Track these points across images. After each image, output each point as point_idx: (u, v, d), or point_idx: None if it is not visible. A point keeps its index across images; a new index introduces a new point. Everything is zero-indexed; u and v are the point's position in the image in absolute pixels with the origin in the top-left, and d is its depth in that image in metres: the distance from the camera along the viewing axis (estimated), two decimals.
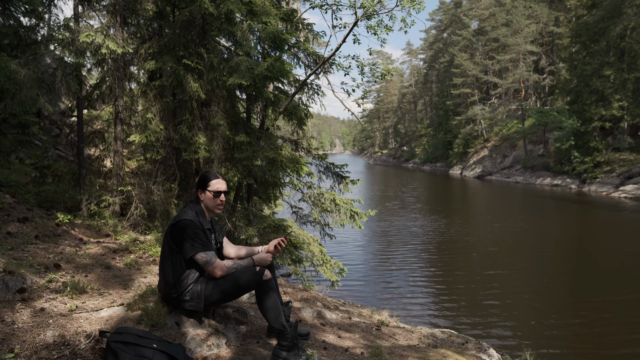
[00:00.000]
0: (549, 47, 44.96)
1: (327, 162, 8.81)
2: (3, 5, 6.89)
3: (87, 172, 7.47)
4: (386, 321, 4.57)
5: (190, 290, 2.72)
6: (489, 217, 19.66)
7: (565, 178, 30.85)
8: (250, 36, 7.03)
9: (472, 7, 59.08)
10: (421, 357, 3.16)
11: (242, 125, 7.43)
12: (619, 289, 9.59)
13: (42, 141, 8.85)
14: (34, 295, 2.81)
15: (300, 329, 3.26)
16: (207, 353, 2.67)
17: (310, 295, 4.71)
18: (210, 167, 6.74)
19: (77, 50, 6.07)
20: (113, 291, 3.30)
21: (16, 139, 6.31)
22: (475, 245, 14.32)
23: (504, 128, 45.12)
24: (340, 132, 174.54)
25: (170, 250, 2.72)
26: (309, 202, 8.62)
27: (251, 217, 7.66)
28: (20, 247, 3.97)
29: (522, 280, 10.43)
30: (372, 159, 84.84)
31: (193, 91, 6.24)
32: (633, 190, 24.38)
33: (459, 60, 49.49)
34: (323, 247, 8.59)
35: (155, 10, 7.20)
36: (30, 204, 5.90)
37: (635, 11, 27.52)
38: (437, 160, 56.39)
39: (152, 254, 4.86)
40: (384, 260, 12.79)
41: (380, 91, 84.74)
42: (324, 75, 8.92)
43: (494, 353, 4.02)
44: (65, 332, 2.43)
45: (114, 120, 6.84)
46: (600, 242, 14.42)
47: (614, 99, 28.16)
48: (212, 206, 2.85)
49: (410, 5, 7.22)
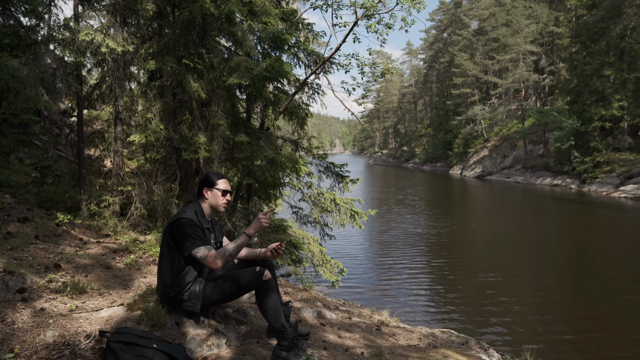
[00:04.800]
0: (549, 47, 44.97)
1: (327, 161, 8.81)
2: (3, 5, 6.89)
3: (87, 172, 7.47)
4: (386, 321, 4.57)
5: (188, 290, 2.72)
6: (489, 217, 19.65)
7: (565, 178, 30.84)
8: (251, 36, 7.02)
9: (472, 7, 59.07)
10: (421, 357, 3.16)
11: (242, 125, 7.43)
12: (619, 289, 9.59)
13: (42, 141, 8.85)
14: (34, 295, 2.81)
15: (300, 329, 3.26)
16: (207, 353, 2.67)
17: (310, 295, 4.71)
18: (210, 167, 6.74)
19: (78, 49, 6.06)
20: (113, 291, 3.30)
21: (16, 138, 6.29)
22: (475, 245, 14.32)
23: (504, 128, 45.11)
24: (340, 132, 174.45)
25: (169, 249, 2.72)
26: (309, 202, 8.62)
27: (251, 217, 7.66)
28: (20, 247, 3.97)
29: (522, 280, 10.43)
30: (372, 159, 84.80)
31: (193, 91, 6.24)
32: (633, 190, 24.38)
33: (459, 60, 49.49)
34: (323, 247, 8.60)
35: (155, 10, 7.20)
36: (30, 204, 5.89)
37: (635, 11, 27.51)
38: (437, 160, 56.37)
39: (152, 254, 4.86)
40: (384, 260, 12.78)
41: (380, 91, 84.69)
42: (324, 75, 8.92)
43: (494, 353, 4.02)
44: (65, 332, 2.43)
45: (114, 120, 6.83)
46: (600, 242, 14.41)
47: (614, 99, 28.16)
48: (217, 205, 2.87)
49: (411, 5, 7.21)
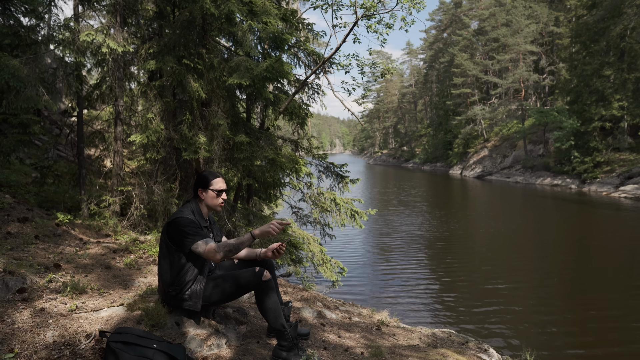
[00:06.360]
0: (549, 47, 44.96)
1: (327, 162, 8.81)
2: (3, 5, 6.88)
3: (87, 172, 7.47)
4: (386, 321, 4.57)
5: (189, 289, 2.73)
6: (489, 217, 19.65)
7: (565, 178, 30.83)
8: (251, 36, 7.02)
9: (472, 7, 59.05)
10: (421, 357, 3.16)
11: (242, 125, 7.43)
12: (620, 289, 9.59)
13: (42, 141, 8.85)
14: (34, 295, 2.81)
15: (300, 329, 3.26)
16: (207, 353, 2.67)
17: (310, 295, 4.71)
18: (211, 167, 6.74)
19: (78, 49, 6.06)
20: (113, 291, 3.30)
21: (16, 138, 6.29)
22: (475, 245, 14.32)
23: (504, 128, 45.11)
24: (340, 132, 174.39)
25: (168, 249, 2.73)
26: (309, 202, 8.62)
27: (251, 217, 7.66)
28: (20, 247, 3.97)
29: (522, 280, 10.42)
30: (372, 159, 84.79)
31: (193, 91, 6.24)
32: (633, 190, 24.37)
33: (459, 60, 49.48)
34: (323, 247, 8.59)
35: (155, 10, 7.21)
36: (30, 204, 5.89)
37: (635, 11, 27.50)
38: (437, 160, 56.36)
39: (152, 254, 4.86)
40: (384, 260, 12.78)
41: (380, 91, 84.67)
42: (324, 75, 8.92)
43: (494, 353, 4.02)
44: (65, 332, 2.43)
45: (114, 121, 6.83)
46: (601, 242, 14.41)
47: (614, 99, 28.15)
48: (213, 205, 2.87)
49: (411, 5, 7.21)
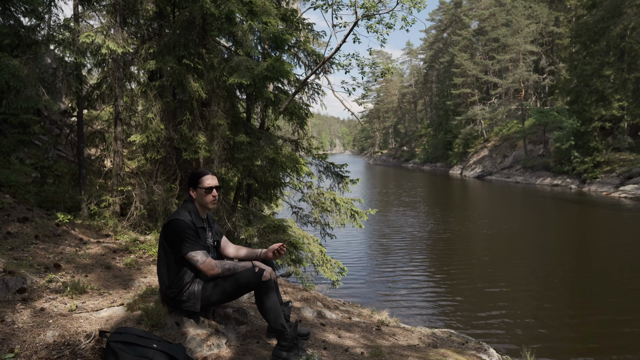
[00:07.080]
0: (549, 47, 44.96)
1: (327, 162, 8.81)
2: (3, 5, 6.88)
3: (87, 172, 7.47)
4: (386, 321, 4.57)
5: (187, 291, 2.73)
6: (489, 217, 19.65)
7: (565, 178, 30.84)
8: (251, 36, 7.02)
9: (472, 7, 59.06)
10: (421, 357, 3.16)
11: (242, 125, 7.43)
12: (620, 289, 9.59)
13: (42, 141, 8.85)
14: (34, 295, 2.81)
15: (300, 329, 3.26)
16: (207, 353, 2.67)
17: (310, 295, 4.71)
18: (211, 167, 6.74)
19: (78, 49, 6.06)
20: (113, 291, 3.30)
21: (16, 138, 6.28)
22: (475, 245, 14.32)
23: (504, 128, 45.11)
24: (340, 132, 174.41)
25: (164, 251, 2.75)
26: (309, 202, 8.62)
27: (251, 217, 7.66)
28: (20, 247, 3.97)
29: (522, 280, 10.43)
30: (372, 159, 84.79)
31: (194, 91, 6.24)
32: (633, 190, 24.37)
33: (459, 60, 49.48)
34: (323, 247, 8.59)
35: (155, 10, 7.20)
36: (30, 204, 5.89)
37: (635, 11, 27.50)
38: (437, 160, 56.36)
39: (152, 254, 4.86)
40: (384, 260, 12.78)
41: (380, 91, 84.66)
42: (324, 75, 8.92)
43: (494, 353, 4.02)
44: (65, 332, 2.43)
45: (114, 121, 6.83)
46: (601, 242, 14.41)
47: (614, 99, 28.15)
48: (205, 203, 2.86)
49: (411, 4, 7.22)
